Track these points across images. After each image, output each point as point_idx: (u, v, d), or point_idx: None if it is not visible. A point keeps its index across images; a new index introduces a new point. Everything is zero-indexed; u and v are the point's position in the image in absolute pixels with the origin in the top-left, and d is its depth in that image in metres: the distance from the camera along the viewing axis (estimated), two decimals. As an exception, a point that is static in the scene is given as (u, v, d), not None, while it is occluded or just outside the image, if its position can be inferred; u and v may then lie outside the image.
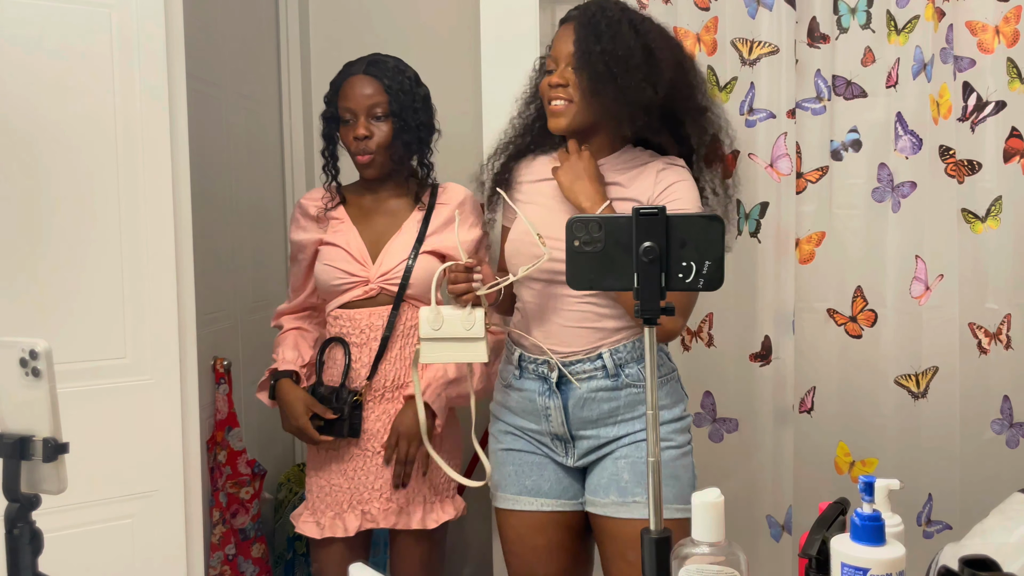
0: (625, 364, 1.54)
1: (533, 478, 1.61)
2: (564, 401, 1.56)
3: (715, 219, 0.85)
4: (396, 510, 1.76)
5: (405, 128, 1.74)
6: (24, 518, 0.88)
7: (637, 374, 1.55)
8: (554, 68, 1.56)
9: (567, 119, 1.55)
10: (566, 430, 1.58)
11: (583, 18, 1.53)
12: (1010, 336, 1.89)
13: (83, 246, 1.47)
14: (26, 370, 0.87)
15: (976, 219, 1.90)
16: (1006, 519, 1.12)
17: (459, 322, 1.53)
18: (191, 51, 1.62)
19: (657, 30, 1.57)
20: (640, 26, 1.53)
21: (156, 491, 1.55)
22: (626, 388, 1.55)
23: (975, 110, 1.88)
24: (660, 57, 1.50)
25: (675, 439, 1.56)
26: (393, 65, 1.77)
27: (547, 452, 1.62)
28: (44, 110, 1.43)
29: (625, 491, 1.52)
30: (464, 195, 1.82)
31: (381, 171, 1.77)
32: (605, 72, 1.49)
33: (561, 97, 1.54)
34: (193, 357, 1.60)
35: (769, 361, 1.99)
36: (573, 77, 1.53)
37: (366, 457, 1.77)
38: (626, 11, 1.54)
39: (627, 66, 1.48)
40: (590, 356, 1.54)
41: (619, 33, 1.49)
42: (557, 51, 1.56)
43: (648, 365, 0.87)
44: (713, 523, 0.88)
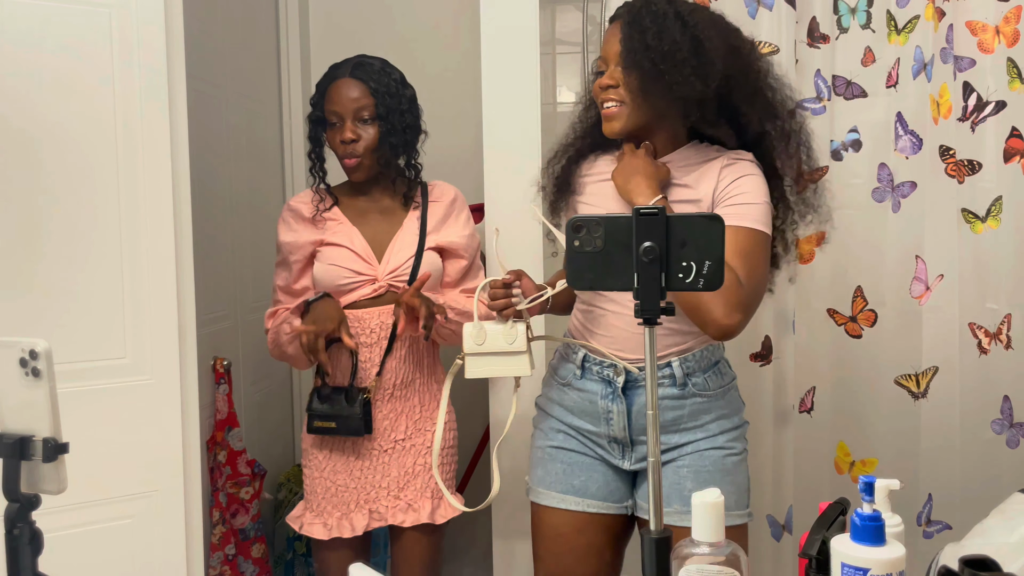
0: (693, 373, 1.52)
1: (582, 479, 1.58)
2: (628, 406, 1.53)
3: (715, 219, 0.85)
4: (404, 507, 1.76)
5: (392, 131, 1.74)
6: (24, 518, 0.88)
7: (704, 383, 1.52)
8: (604, 69, 1.51)
9: (620, 122, 1.50)
10: (627, 435, 1.55)
11: (629, 15, 1.48)
12: (1010, 336, 1.89)
13: (83, 246, 1.47)
14: (26, 370, 0.87)
15: (976, 219, 1.90)
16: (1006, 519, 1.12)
17: (501, 336, 1.53)
18: (191, 51, 1.62)
19: (707, 18, 1.48)
20: (688, 17, 1.45)
21: (156, 491, 1.55)
22: (692, 397, 1.52)
23: (975, 110, 1.88)
24: (709, 47, 1.42)
25: (735, 447, 1.55)
26: (379, 67, 1.77)
27: (601, 454, 1.58)
28: (44, 110, 1.43)
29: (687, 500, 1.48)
30: (454, 193, 1.85)
31: (368, 174, 1.78)
32: (652, 69, 1.42)
33: (612, 99, 1.49)
34: (193, 357, 1.60)
35: (769, 361, 1.99)
36: (623, 77, 1.48)
37: (372, 456, 1.77)
38: (672, 2, 1.46)
39: (674, 61, 1.42)
40: (659, 364, 1.51)
41: (664, 27, 1.43)
42: (606, 51, 1.51)
43: (648, 365, 0.87)
44: (713, 523, 0.88)
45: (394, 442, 1.78)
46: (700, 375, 1.52)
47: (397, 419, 1.78)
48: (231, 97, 2.25)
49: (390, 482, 1.77)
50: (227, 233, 2.21)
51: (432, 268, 1.76)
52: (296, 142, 2.56)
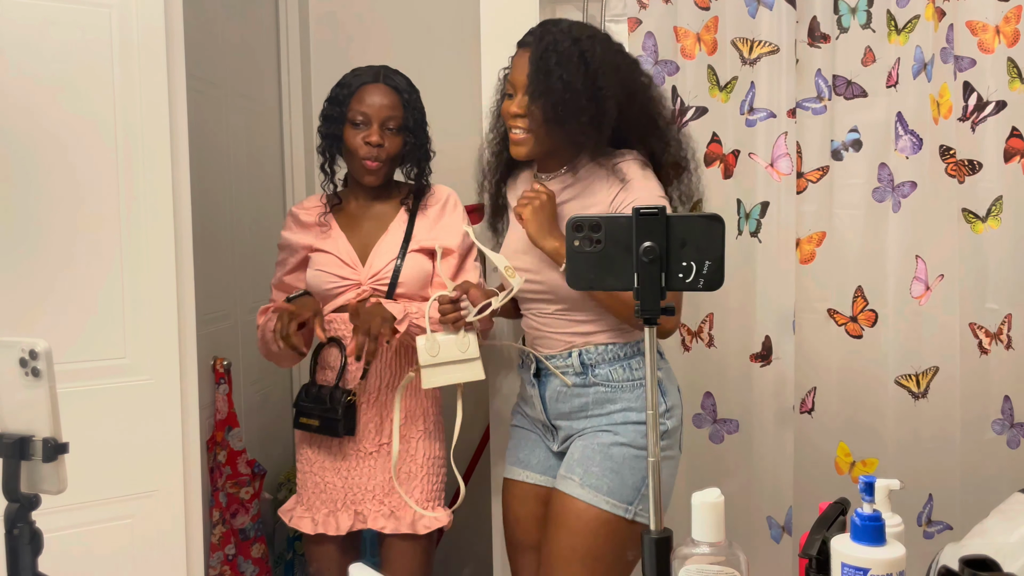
0: (596, 365, 1.63)
1: (525, 452, 1.75)
2: (542, 392, 1.69)
3: (715, 219, 0.85)
4: (387, 513, 1.76)
5: (416, 145, 1.79)
6: (24, 518, 0.88)
7: (607, 375, 1.63)
8: (513, 93, 1.60)
9: (526, 148, 1.60)
10: (546, 418, 1.70)
11: (537, 49, 1.55)
12: (1011, 336, 1.89)
13: (83, 246, 1.47)
14: (26, 370, 0.87)
15: (976, 219, 1.90)
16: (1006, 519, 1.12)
17: (455, 346, 1.66)
18: (191, 51, 1.62)
19: (609, 60, 1.57)
20: (591, 58, 1.54)
21: (156, 491, 1.55)
22: (594, 386, 1.64)
23: (975, 110, 1.88)
24: (607, 95, 1.54)
25: (635, 439, 1.60)
26: (407, 81, 1.81)
27: (539, 435, 1.75)
28: (44, 110, 1.43)
29: (570, 468, 1.62)
30: (447, 195, 1.85)
31: (382, 180, 1.80)
32: (553, 112, 1.54)
33: (519, 127, 1.60)
34: (193, 357, 1.60)
35: (769, 361, 1.99)
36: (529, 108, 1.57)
37: (359, 457, 1.78)
38: (577, 41, 1.55)
39: (573, 108, 1.53)
40: (562, 354, 1.65)
41: (567, 71, 1.52)
42: (515, 78, 1.59)
43: (648, 365, 0.87)
44: (713, 523, 0.88)
45: (379, 445, 1.78)
46: (605, 367, 1.63)
47: (382, 423, 1.78)
48: (231, 97, 2.25)
49: (375, 486, 1.77)
50: (227, 233, 2.21)
51: (416, 270, 1.77)
52: (296, 142, 2.56)
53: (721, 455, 2.05)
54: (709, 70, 1.99)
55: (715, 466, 2.04)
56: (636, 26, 1.98)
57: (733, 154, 1.98)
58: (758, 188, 1.97)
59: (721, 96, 1.99)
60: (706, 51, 1.99)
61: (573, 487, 1.59)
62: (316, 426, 1.76)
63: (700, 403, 2.05)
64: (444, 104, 1.88)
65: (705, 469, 2.04)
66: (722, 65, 1.98)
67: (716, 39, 1.98)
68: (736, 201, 1.99)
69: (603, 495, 1.56)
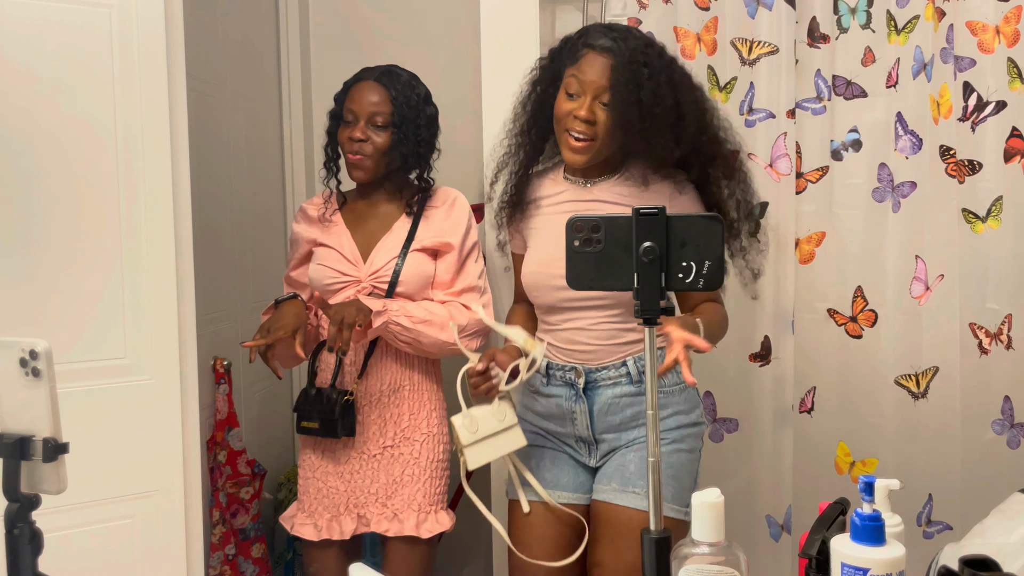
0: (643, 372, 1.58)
1: (552, 471, 1.66)
2: (590, 406, 1.61)
3: (715, 219, 0.85)
4: (390, 515, 1.75)
5: (403, 141, 1.76)
6: (24, 518, 0.88)
7: (661, 381, 1.58)
8: (577, 94, 1.53)
9: (587, 155, 1.55)
10: (590, 433, 1.62)
11: (623, 57, 1.49)
12: (1011, 336, 1.89)
13: (83, 246, 1.47)
14: (26, 370, 0.87)
15: (976, 219, 1.90)
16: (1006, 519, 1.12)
17: (492, 417, 1.59)
18: (191, 51, 1.62)
19: (687, 83, 1.57)
20: (675, 79, 1.53)
21: (156, 491, 1.55)
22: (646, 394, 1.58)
23: (975, 110, 1.88)
24: (687, 115, 1.53)
25: (686, 442, 1.59)
26: (406, 80, 1.80)
27: (568, 452, 1.67)
28: (44, 110, 1.43)
29: (627, 481, 1.56)
30: (453, 197, 1.83)
31: (369, 176, 1.78)
32: (639, 126, 1.50)
33: (584, 133, 1.53)
34: (193, 357, 1.60)
35: (769, 361, 1.99)
36: (603, 116, 1.52)
37: (362, 460, 1.77)
38: (663, 56, 1.53)
39: (661, 126, 1.49)
40: (615, 364, 1.59)
41: (659, 88, 1.49)
42: (588, 79, 1.51)
43: (648, 365, 0.87)
44: (713, 523, 0.88)
45: (382, 448, 1.77)
46: None
47: (385, 425, 1.77)
48: (231, 97, 2.25)
49: (378, 488, 1.76)
50: (227, 233, 2.21)
51: (416, 270, 1.76)
52: (296, 142, 2.56)
53: (721, 455, 2.05)
54: (709, 70, 1.99)
55: (715, 466, 2.03)
56: (636, 26, 1.99)
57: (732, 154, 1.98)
58: (758, 188, 1.96)
59: (721, 96, 1.99)
60: (706, 51, 1.99)
61: (637, 500, 1.53)
62: (316, 428, 1.75)
63: (700, 403, 2.05)
64: (444, 104, 1.87)
65: (705, 469, 2.03)
66: (722, 65, 1.98)
67: (716, 39, 1.98)
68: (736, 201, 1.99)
69: (667, 503, 1.51)
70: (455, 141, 1.95)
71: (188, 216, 1.58)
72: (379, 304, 1.67)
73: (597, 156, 1.56)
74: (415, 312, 1.71)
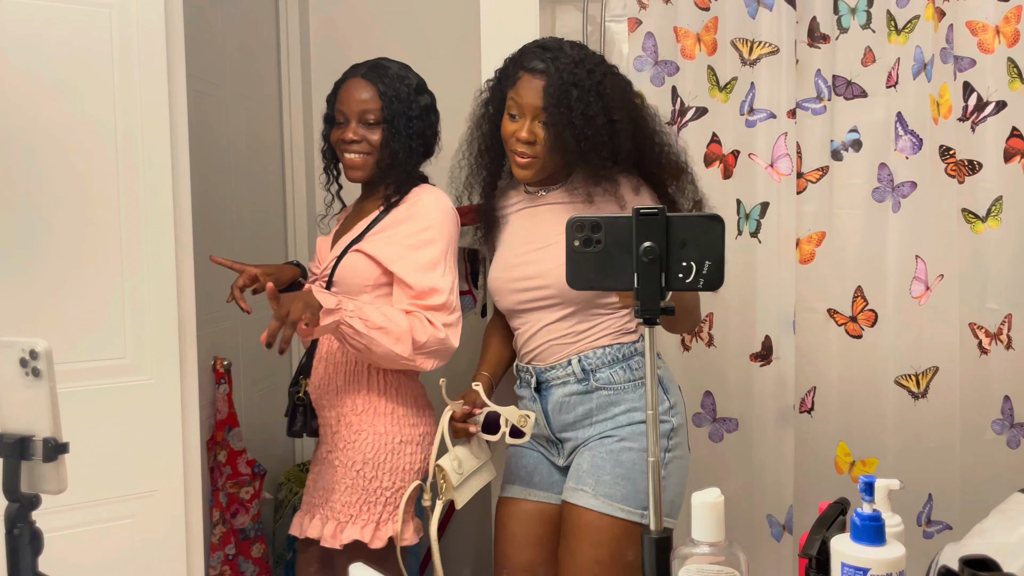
0: (597, 369, 1.61)
1: (526, 470, 1.72)
2: (544, 405, 1.66)
3: (715, 219, 0.85)
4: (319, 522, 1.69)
5: (396, 136, 1.71)
6: (24, 518, 0.88)
7: (608, 378, 1.61)
8: (518, 115, 1.59)
9: (533, 171, 1.61)
10: (551, 432, 1.68)
11: (554, 79, 1.54)
12: (1011, 336, 1.89)
13: (83, 246, 1.47)
14: (26, 370, 0.87)
15: (976, 219, 1.90)
16: (1006, 519, 1.12)
17: (472, 455, 1.64)
18: (191, 51, 1.62)
19: (617, 90, 1.59)
20: (603, 90, 1.55)
21: (156, 491, 1.55)
22: (597, 391, 1.62)
23: (975, 110, 1.88)
24: (620, 128, 1.55)
25: (640, 442, 1.59)
26: (395, 72, 1.75)
27: (542, 452, 1.73)
28: (44, 110, 1.43)
29: (579, 479, 1.60)
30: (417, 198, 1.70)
31: (366, 176, 1.75)
32: (574, 144, 1.54)
33: (527, 153, 1.59)
34: (193, 357, 1.60)
35: (769, 361, 1.99)
36: (542, 134, 1.57)
37: (319, 462, 1.76)
38: (592, 73, 1.55)
39: (594, 143, 1.54)
40: (562, 363, 1.64)
41: (588, 105, 1.53)
42: (524, 102, 1.58)
43: (648, 365, 0.87)
44: (713, 523, 0.88)
45: (326, 452, 1.74)
46: (606, 370, 1.62)
47: (324, 429, 1.75)
48: (231, 97, 2.25)
49: (319, 492, 1.72)
50: (227, 233, 2.20)
51: (348, 271, 1.68)
52: (296, 142, 2.56)
53: (721, 454, 2.05)
54: (709, 70, 1.99)
55: (715, 465, 2.04)
56: (636, 26, 1.99)
57: (733, 154, 1.98)
58: (758, 188, 1.97)
59: (721, 96, 1.99)
60: (706, 51, 1.99)
61: (587, 498, 1.56)
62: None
63: (700, 402, 2.05)
64: (443, 105, 1.87)
65: (705, 468, 2.04)
66: (722, 65, 1.98)
67: (716, 39, 1.98)
68: (736, 201, 1.99)
69: (617, 503, 1.54)
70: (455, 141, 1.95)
71: (188, 216, 1.58)
72: (333, 301, 1.53)
73: (543, 171, 1.62)
74: (372, 316, 1.56)
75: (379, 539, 1.65)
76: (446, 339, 1.61)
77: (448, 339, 1.61)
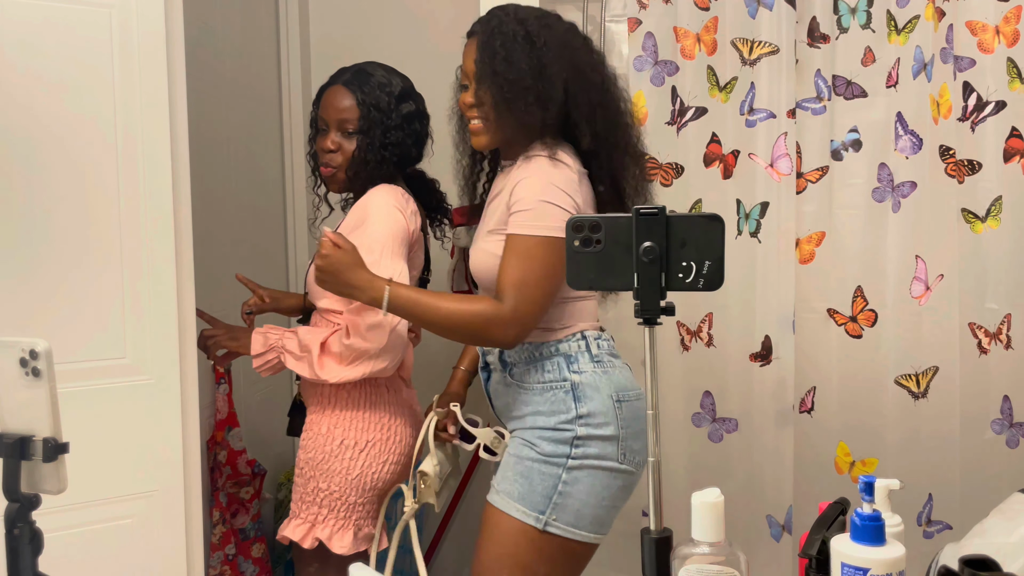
0: (514, 364, 1.58)
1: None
2: (486, 385, 1.67)
3: (715, 219, 0.85)
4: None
5: (370, 147, 1.69)
6: (24, 518, 0.88)
7: (520, 375, 1.57)
8: (468, 84, 1.56)
9: (485, 137, 1.56)
10: (495, 414, 1.68)
11: (483, 35, 1.52)
12: (1010, 336, 1.89)
13: (83, 246, 1.47)
14: (26, 370, 0.87)
15: (976, 219, 1.90)
16: (1006, 519, 1.12)
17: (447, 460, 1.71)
18: (191, 51, 1.62)
19: (556, 38, 1.52)
20: (536, 38, 1.49)
21: (156, 491, 1.55)
22: (512, 386, 1.59)
23: (975, 110, 1.88)
24: (552, 73, 1.48)
25: (539, 445, 1.52)
26: (378, 80, 1.72)
27: None
28: (44, 110, 1.43)
29: (494, 476, 1.59)
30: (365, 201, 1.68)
31: (340, 188, 1.75)
32: (500, 96, 1.49)
33: (476, 116, 1.55)
34: (193, 357, 1.60)
35: (769, 361, 1.99)
36: (488, 97, 1.52)
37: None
38: (523, 22, 1.51)
39: (518, 89, 1.48)
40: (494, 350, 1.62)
41: (512, 53, 1.48)
42: (466, 67, 1.56)
43: (648, 364, 0.87)
44: (713, 523, 0.88)
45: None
46: (521, 367, 1.57)
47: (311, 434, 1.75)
48: (231, 97, 2.25)
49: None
50: (227, 233, 2.20)
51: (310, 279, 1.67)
52: (296, 142, 2.56)
53: (721, 454, 2.05)
54: (709, 70, 1.99)
55: (715, 465, 2.04)
56: (636, 26, 1.99)
57: (733, 154, 1.98)
58: (758, 188, 1.97)
59: (721, 96, 1.99)
60: (706, 51, 1.99)
61: (492, 494, 1.55)
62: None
63: (700, 402, 2.05)
64: (444, 106, 1.87)
65: (705, 468, 2.04)
66: (722, 65, 1.98)
67: (716, 39, 1.98)
68: (736, 201, 1.99)
69: (514, 501, 1.50)
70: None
71: (188, 216, 1.58)
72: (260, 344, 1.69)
73: (495, 136, 1.55)
74: (293, 349, 1.67)
75: (309, 540, 1.68)
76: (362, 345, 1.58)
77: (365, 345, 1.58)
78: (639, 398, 1.55)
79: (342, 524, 1.67)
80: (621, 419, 1.51)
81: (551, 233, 1.44)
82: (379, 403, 1.72)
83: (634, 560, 0.90)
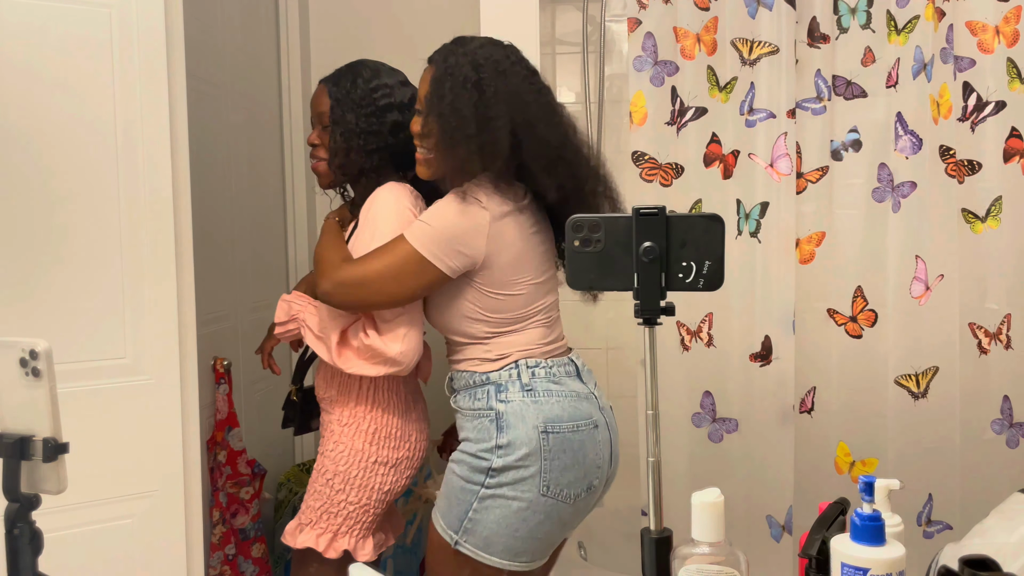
0: (457, 390, 1.60)
1: None
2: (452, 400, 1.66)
3: (715, 219, 0.85)
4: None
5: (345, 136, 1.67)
6: (24, 518, 0.88)
7: (458, 401, 1.59)
8: (421, 111, 1.54)
9: (428, 169, 1.55)
10: None
11: (436, 71, 1.50)
12: (1010, 336, 1.89)
13: (83, 246, 1.47)
14: (26, 370, 0.87)
15: (976, 219, 1.90)
16: (1006, 519, 1.12)
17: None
18: (191, 51, 1.62)
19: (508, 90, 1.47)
20: (487, 87, 1.45)
21: (156, 491, 1.55)
22: (456, 411, 1.61)
23: (975, 110, 1.88)
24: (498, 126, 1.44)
25: (460, 468, 1.52)
26: (353, 75, 1.70)
27: None
28: (44, 110, 1.43)
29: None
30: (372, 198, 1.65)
31: (326, 183, 1.75)
32: (442, 138, 1.48)
33: (423, 147, 1.54)
34: (193, 357, 1.60)
35: (769, 361, 1.99)
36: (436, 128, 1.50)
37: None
38: (479, 68, 1.47)
39: (460, 137, 1.45)
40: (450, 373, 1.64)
41: (458, 100, 1.45)
42: (419, 93, 1.54)
43: (648, 364, 0.87)
44: (713, 523, 0.88)
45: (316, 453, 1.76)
46: (461, 393, 1.59)
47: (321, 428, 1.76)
48: (231, 97, 2.25)
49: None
50: (227, 233, 2.21)
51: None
52: (296, 142, 2.56)
53: (721, 455, 2.05)
54: (709, 70, 1.99)
55: (715, 465, 2.04)
56: (636, 26, 1.99)
57: (733, 154, 1.99)
58: (758, 188, 1.97)
59: (721, 96, 1.99)
60: (706, 51, 1.99)
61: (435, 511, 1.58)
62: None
63: (700, 402, 2.05)
64: (444, 104, 1.87)
65: (705, 469, 2.04)
66: (722, 65, 1.98)
67: (716, 39, 1.98)
68: (736, 201, 1.99)
69: (439, 514, 1.54)
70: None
71: (188, 216, 1.58)
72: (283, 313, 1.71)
73: (436, 169, 1.54)
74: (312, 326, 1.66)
75: (334, 550, 1.67)
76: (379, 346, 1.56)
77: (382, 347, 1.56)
78: (576, 430, 1.49)
79: (365, 534, 1.69)
80: (546, 450, 1.46)
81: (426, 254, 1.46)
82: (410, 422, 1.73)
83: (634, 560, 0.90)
